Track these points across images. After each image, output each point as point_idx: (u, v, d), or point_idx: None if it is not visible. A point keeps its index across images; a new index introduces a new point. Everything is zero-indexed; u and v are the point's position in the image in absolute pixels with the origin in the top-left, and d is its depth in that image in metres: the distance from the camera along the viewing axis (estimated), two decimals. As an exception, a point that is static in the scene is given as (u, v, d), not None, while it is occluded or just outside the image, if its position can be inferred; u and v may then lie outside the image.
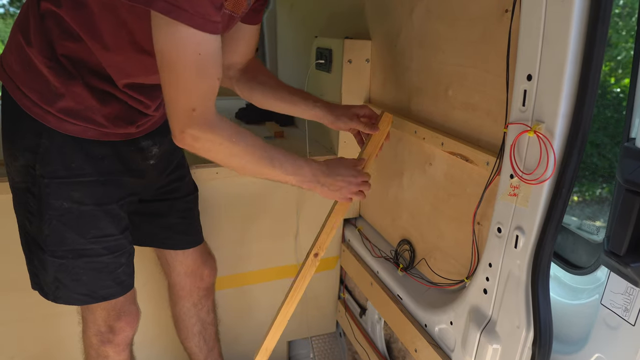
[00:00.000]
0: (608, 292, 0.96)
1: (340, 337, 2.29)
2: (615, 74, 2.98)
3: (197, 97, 1.03)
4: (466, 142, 1.27)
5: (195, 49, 0.96)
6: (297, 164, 1.26)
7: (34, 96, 1.17)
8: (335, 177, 1.32)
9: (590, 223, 1.31)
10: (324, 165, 1.32)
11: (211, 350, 1.78)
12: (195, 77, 1.00)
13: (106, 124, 1.23)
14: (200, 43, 0.96)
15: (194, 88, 1.01)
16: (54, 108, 1.17)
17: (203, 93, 1.03)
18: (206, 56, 0.98)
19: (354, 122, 1.45)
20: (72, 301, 1.33)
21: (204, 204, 1.70)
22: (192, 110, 1.03)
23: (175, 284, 1.68)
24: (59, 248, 1.25)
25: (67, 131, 1.19)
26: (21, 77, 1.18)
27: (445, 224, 1.44)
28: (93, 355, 1.46)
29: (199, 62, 0.98)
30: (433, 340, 1.44)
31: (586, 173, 2.67)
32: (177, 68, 0.98)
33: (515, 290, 1.08)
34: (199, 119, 1.04)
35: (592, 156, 2.72)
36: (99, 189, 1.26)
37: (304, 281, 1.51)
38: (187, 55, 0.97)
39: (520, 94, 1.00)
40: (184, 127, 1.05)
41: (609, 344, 0.97)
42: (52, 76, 1.15)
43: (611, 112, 2.73)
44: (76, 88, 1.17)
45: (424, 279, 1.56)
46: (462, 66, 1.28)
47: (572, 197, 2.61)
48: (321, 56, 1.91)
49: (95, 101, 1.19)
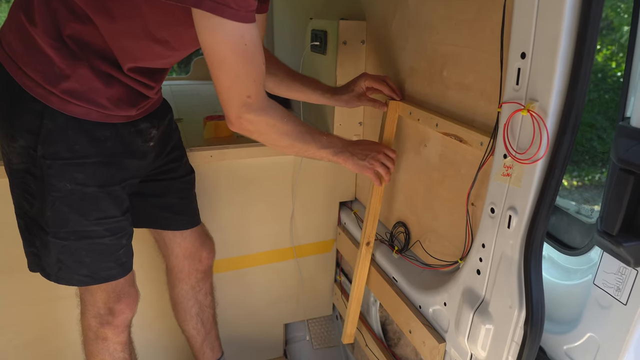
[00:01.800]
0: (601, 272, 0.96)
1: (336, 320, 2.31)
2: (617, 57, 2.96)
3: (250, 84, 1.10)
4: (460, 123, 1.26)
5: (241, 40, 1.03)
6: (330, 138, 1.36)
7: (37, 77, 1.16)
8: (362, 146, 1.42)
9: (589, 207, 1.30)
10: (347, 143, 1.41)
11: (209, 333, 1.79)
12: (246, 66, 1.07)
13: (109, 105, 1.23)
14: (244, 35, 1.03)
15: (247, 76, 1.09)
16: (58, 89, 1.16)
17: (254, 79, 1.10)
18: (251, 45, 1.05)
19: (363, 100, 1.58)
20: (74, 282, 1.34)
21: (198, 187, 1.69)
22: (248, 97, 1.11)
23: (173, 266, 1.68)
24: (61, 230, 1.25)
25: (70, 112, 1.19)
26: (23, 57, 1.17)
27: (440, 206, 1.44)
28: (91, 337, 1.47)
29: (246, 52, 1.05)
30: (427, 322, 1.45)
31: (586, 157, 2.67)
32: (228, 61, 1.05)
33: (508, 271, 1.08)
34: (254, 104, 1.13)
35: (592, 140, 2.71)
36: (102, 170, 1.26)
37: (364, 270, 1.74)
38: (235, 48, 1.04)
39: (514, 73, 0.99)
40: (241, 114, 1.13)
41: (600, 324, 0.97)
42: (58, 57, 1.15)
43: (611, 96, 2.72)
44: (81, 70, 1.17)
45: (418, 261, 1.56)
46: (457, 46, 1.27)
47: (572, 182, 2.60)
48: (316, 38, 1.89)
49: (99, 83, 1.20)
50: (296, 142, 1.27)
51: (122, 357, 1.50)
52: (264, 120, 1.17)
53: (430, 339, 1.39)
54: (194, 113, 2.21)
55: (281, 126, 1.21)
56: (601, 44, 2.84)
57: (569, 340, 1.04)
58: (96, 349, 1.47)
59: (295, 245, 2.06)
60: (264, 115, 1.16)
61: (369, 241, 1.68)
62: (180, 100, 2.45)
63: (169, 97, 1.55)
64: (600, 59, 2.95)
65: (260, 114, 1.15)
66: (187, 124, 2.02)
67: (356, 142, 1.43)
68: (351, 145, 1.40)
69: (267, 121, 1.18)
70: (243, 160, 1.83)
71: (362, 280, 1.75)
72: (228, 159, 1.81)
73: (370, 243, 1.69)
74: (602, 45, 2.98)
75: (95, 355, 1.48)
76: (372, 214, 1.64)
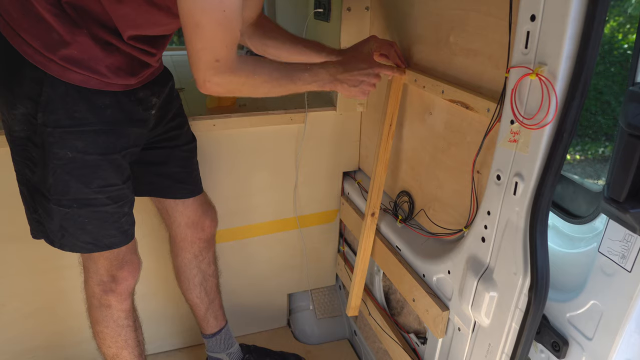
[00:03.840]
0: (606, 239, 0.96)
1: (339, 290, 2.32)
2: (624, 29, 2.90)
3: (221, 50, 1.08)
4: (467, 89, 1.24)
5: (220, 6, 1.01)
6: (314, 71, 1.30)
7: (36, 44, 1.15)
8: (352, 72, 1.34)
9: (592, 182, 1.29)
10: (339, 64, 1.34)
11: (212, 302, 1.81)
12: (221, 33, 1.05)
13: (108, 74, 1.22)
14: (223, 1, 1.01)
15: (219, 43, 1.07)
16: (57, 56, 1.15)
17: (226, 45, 1.08)
18: (230, 12, 1.03)
19: None
20: (77, 249, 1.35)
21: (201, 157, 1.68)
22: (216, 61, 1.09)
23: (176, 235, 1.69)
24: (63, 197, 1.26)
25: (70, 80, 1.18)
26: (21, 24, 1.15)
27: (445, 174, 1.43)
28: (96, 304, 1.48)
29: (224, 18, 1.03)
30: (431, 290, 1.45)
31: (589, 132, 2.64)
32: (203, 26, 1.03)
33: (513, 238, 1.08)
34: (222, 67, 1.10)
35: (597, 114, 2.68)
36: (103, 138, 1.26)
37: (369, 239, 1.73)
38: (213, 14, 1.01)
39: (523, 36, 0.96)
40: (208, 77, 1.11)
41: (604, 291, 0.97)
42: (57, 24, 1.14)
43: (617, 69, 2.67)
44: (81, 37, 1.16)
45: (422, 230, 1.56)
46: (464, 10, 1.24)
47: (574, 156, 2.57)
48: (319, 5, 1.86)
49: (99, 51, 1.19)
50: (274, 89, 1.24)
51: (126, 324, 1.52)
52: (232, 80, 1.14)
53: (434, 306, 1.40)
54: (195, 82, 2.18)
55: (252, 81, 1.18)
56: (609, 15, 2.78)
57: (572, 308, 1.04)
58: (100, 316, 1.49)
59: (299, 215, 2.06)
60: (232, 75, 1.13)
61: (373, 212, 1.68)
62: (181, 69, 2.42)
63: (170, 67, 1.53)
64: (607, 30, 2.89)
65: (227, 75, 1.12)
66: (189, 92, 2.00)
67: (344, 66, 1.34)
68: (339, 73, 1.32)
69: (236, 80, 1.15)
70: (246, 129, 1.82)
71: (367, 253, 1.75)
72: (231, 128, 1.79)
73: (375, 214, 1.68)
74: (609, 17, 2.92)
75: (100, 322, 1.50)
76: (377, 184, 1.63)
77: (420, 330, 1.62)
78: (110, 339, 1.52)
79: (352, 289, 1.83)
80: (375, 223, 1.71)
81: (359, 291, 1.83)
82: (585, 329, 1.01)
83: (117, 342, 1.52)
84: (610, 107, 2.70)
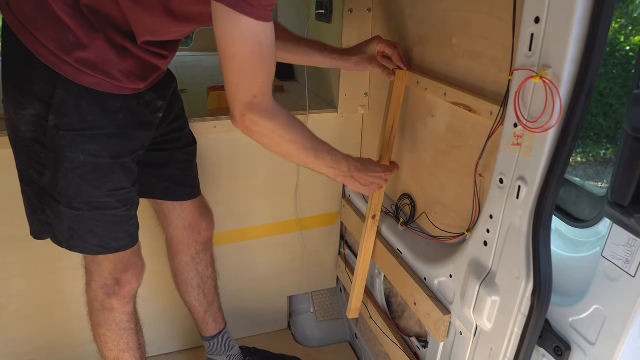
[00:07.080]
0: (609, 244, 0.95)
1: (340, 293, 2.31)
2: (626, 31, 2.89)
3: (258, 85, 1.08)
4: (470, 92, 1.24)
5: (256, 39, 1.01)
6: (336, 159, 1.31)
7: (51, 44, 1.13)
8: (366, 172, 1.39)
9: (593, 184, 1.29)
10: (357, 162, 1.38)
11: (211, 304, 1.80)
12: (257, 66, 1.05)
13: (121, 78, 1.21)
14: (259, 34, 1.01)
15: (256, 76, 1.07)
16: (72, 58, 1.14)
17: (263, 80, 1.08)
18: (266, 46, 1.04)
19: (373, 64, 1.52)
20: (86, 250, 1.35)
21: (202, 158, 1.68)
22: (254, 97, 1.09)
23: (173, 237, 1.68)
24: (74, 200, 1.25)
25: (84, 82, 1.17)
26: (36, 23, 1.14)
27: (447, 177, 1.42)
28: (98, 307, 1.47)
29: (260, 52, 1.03)
30: (432, 293, 1.44)
31: (591, 134, 2.64)
32: (240, 58, 1.03)
33: (516, 242, 1.07)
34: (260, 105, 1.10)
35: (598, 116, 2.67)
36: (115, 141, 1.25)
37: (370, 242, 1.72)
38: (249, 47, 1.02)
39: (527, 38, 0.96)
40: (245, 112, 1.10)
41: (608, 296, 0.96)
42: (75, 26, 1.13)
43: (619, 71, 2.67)
44: (98, 41, 1.15)
45: (424, 233, 1.55)
46: (467, 12, 1.23)
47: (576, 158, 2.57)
48: (321, 6, 1.85)
49: (115, 55, 1.18)
50: (296, 154, 1.24)
51: (128, 327, 1.51)
52: (266, 124, 1.14)
53: (436, 310, 1.39)
54: (197, 84, 2.18)
55: (282, 134, 1.17)
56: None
57: (575, 313, 1.03)
58: (103, 320, 1.48)
59: (300, 218, 2.06)
60: (267, 120, 1.13)
61: (375, 214, 1.67)
62: (183, 71, 2.42)
63: (172, 68, 1.53)
64: (610, 32, 2.88)
65: (264, 116, 1.12)
66: (190, 94, 2.00)
67: (361, 165, 1.38)
68: (356, 170, 1.36)
69: (269, 126, 1.14)
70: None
71: (368, 255, 1.75)
72: (232, 130, 1.78)
73: (376, 216, 1.67)
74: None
75: (102, 325, 1.49)
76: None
77: (421, 333, 1.61)
78: (112, 342, 1.51)
79: (353, 291, 1.82)
80: (377, 226, 1.70)
81: (359, 294, 1.82)
82: (588, 333, 1.00)
83: (119, 345, 1.52)
84: (612, 110, 2.69)
